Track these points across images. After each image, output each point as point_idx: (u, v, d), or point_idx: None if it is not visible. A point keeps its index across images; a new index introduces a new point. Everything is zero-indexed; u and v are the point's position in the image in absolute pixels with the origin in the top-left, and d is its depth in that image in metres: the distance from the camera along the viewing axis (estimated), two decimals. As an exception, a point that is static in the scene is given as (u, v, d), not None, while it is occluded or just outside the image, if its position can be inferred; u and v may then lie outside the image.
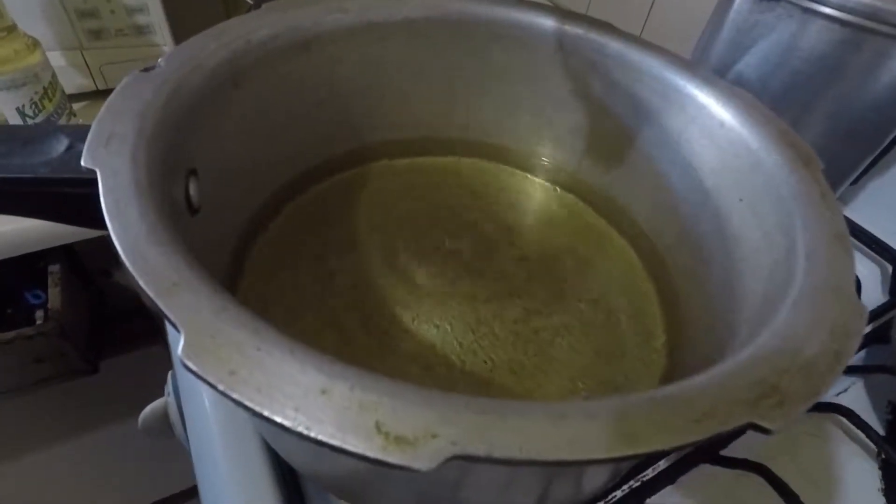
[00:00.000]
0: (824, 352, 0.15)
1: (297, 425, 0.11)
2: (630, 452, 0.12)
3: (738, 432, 0.13)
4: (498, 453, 0.11)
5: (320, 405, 0.11)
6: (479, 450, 0.11)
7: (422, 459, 0.11)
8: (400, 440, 0.11)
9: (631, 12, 0.64)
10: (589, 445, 0.12)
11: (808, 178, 0.21)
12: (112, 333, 0.85)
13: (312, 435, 0.11)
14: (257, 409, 0.11)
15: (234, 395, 0.11)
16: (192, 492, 0.28)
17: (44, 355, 0.71)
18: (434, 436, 0.11)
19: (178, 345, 0.12)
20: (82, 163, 0.16)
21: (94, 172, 0.16)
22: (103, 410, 0.81)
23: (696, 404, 0.13)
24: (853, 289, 0.17)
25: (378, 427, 0.11)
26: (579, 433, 0.12)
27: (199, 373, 0.12)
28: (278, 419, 0.11)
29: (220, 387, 0.11)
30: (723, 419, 0.13)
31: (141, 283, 0.13)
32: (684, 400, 0.13)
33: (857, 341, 0.15)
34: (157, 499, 0.79)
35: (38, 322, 0.71)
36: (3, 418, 0.79)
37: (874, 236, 0.43)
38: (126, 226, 0.15)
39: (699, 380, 0.14)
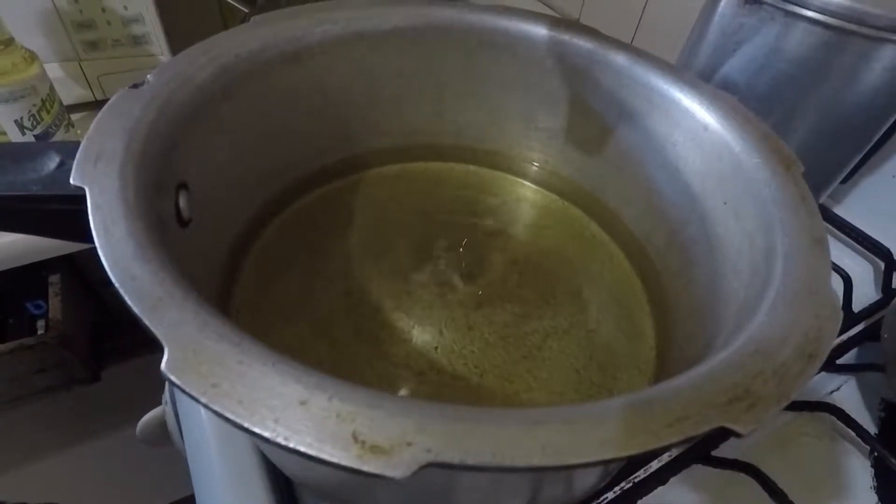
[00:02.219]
0: (798, 355, 0.15)
1: (277, 436, 0.11)
2: (602, 458, 0.12)
3: (719, 436, 0.13)
4: (472, 460, 0.11)
5: (299, 416, 0.12)
6: (454, 457, 0.11)
7: (397, 468, 0.11)
8: (376, 449, 0.11)
9: (623, 16, 0.64)
10: (562, 451, 0.12)
11: (789, 181, 0.21)
12: (113, 342, 0.86)
13: (291, 445, 0.11)
14: (238, 420, 0.12)
15: (216, 408, 0.12)
16: (193, 500, 0.28)
17: (45, 364, 0.71)
18: (409, 444, 0.11)
19: (163, 359, 0.12)
20: (71, 181, 0.17)
21: (84, 190, 0.17)
22: (105, 418, 0.81)
23: (671, 409, 0.13)
24: (829, 291, 0.17)
25: (355, 436, 0.12)
26: (553, 439, 0.12)
27: (182, 386, 0.12)
28: (258, 430, 0.11)
29: (203, 399, 0.12)
30: (695, 423, 0.13)
31: (126, 298, 0.14)
32: (658, 404, 0.13)
33: (830, 344, 0.15)
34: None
35: (40, 332, 0.71)
36: (6, 427, 0.80)
37: (866, 234, 0.43)
38: (113, 242, 0.15)
39: (675, 384, 0.14)
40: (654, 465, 0.29)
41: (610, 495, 0.28)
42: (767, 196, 0.21)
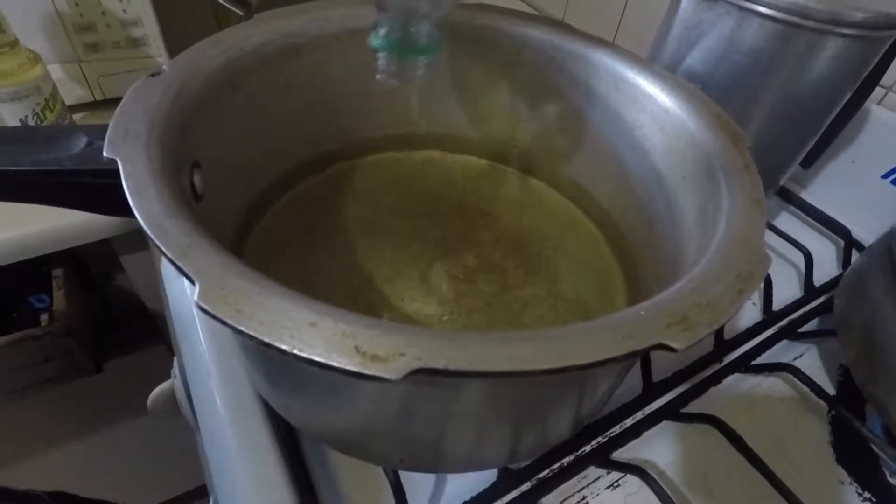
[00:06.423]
0: (730, 291, 0.18)
1: (293, 348, 0.14)
2: (557, 365, 0.14)
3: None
4: (453, 366, 0.14)
5: (311, 334, 0.14)
6: (438, 363, 0.14)
7: (392, 371, 0.14)
8: (375, 358, 0.14)
9: (605, 16, 0.68)
10: (525, 360, 0.14)
11: (735, 153, 0.24)
12: (114, 336, 0.88)
13: (305, 355, 0.14)
14: (260, 337, 0.14)
15: (242, 328, 0.14)
16: (198, 492, 0.30)
17: (51, 354, 0.73)
18: (402, 354, 0.14)
19: (195, 293, 0.15)
20: (105, 153, 0.19)
21: (115, 163, 0.19)
22: (109, 408, 0.83)
23: (618, 330, 0.16)
24: (762, 242, 0.20)
25: (357, 349, 0.14)
26: (519, 352, 0.15)
27: (213, 312, 0.14)
28: (277, 344, 0.14)
29: (230, 321, 0.14)
30: (638, 340, 0.16)
31: (161, 247, 0.16)
32: (608, 328, 0.16)
33: (758, 283, 0.18)
34: (163, 500, 0.81)
35: (44, 324, 0.73)
36: (13, 416, 0.82)
37: (827, 215, 0.46)
38: (145, 203, 0.17)
39: (622, 314, 0.17)
40: (629, 421, 0.32)
41: (587, 448, 0.30)
42: (716, 166, 0.24)
